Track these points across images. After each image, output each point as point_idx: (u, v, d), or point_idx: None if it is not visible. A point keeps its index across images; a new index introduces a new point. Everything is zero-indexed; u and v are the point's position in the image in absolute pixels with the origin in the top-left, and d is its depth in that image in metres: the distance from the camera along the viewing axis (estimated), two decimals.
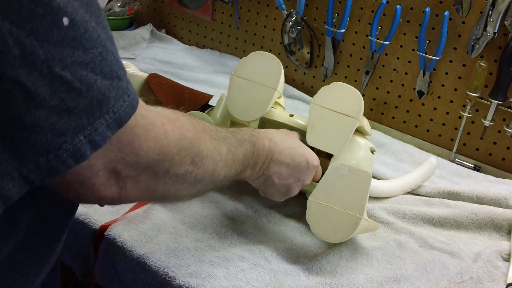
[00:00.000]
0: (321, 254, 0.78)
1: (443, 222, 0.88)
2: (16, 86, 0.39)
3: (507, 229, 0.86)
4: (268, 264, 0.75)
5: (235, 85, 0.88)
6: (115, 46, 0.46)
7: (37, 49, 0.39)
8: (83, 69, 0.41)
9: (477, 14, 1.06)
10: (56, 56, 0.40)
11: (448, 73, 1.14)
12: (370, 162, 0.87)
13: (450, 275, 0.76)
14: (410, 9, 1.15)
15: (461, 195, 0.94)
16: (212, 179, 0.58)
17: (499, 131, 1.11)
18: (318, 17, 1.30)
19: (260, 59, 0.88)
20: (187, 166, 0.52)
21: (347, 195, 0.76)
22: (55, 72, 0.40)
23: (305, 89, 1.38)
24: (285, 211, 0.88)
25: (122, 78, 0.45)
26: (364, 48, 1.25)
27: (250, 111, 0.87)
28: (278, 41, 1.40)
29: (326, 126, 0.83)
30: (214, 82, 1.37)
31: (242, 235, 0.81)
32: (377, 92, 1.26)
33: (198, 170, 0.54)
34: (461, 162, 1.14)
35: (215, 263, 0.73)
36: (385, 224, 0.87)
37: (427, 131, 1.21)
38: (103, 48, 0.43)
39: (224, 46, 1.53)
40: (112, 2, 1.58)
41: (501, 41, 1.05)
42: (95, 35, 0.42)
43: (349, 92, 0.84)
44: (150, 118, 0.48)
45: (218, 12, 1.50)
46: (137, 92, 0.96)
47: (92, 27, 0.42)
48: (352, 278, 0.74)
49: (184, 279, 0.70)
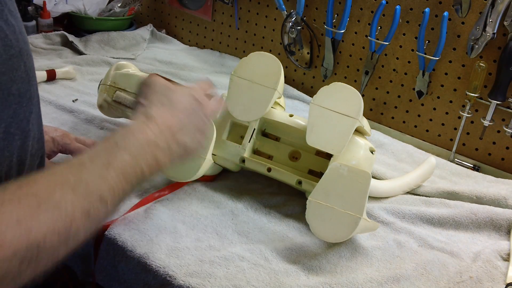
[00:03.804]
0: (321, 253, 0.78)
1: (443, 222, 0.88)
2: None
3: (507, 229, 0.87)
4: (268, 263, 0.75)
5: (235, 85, 0.88)
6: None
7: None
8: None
9: (477, 14, 1.06)
10: None
11: (447, 73, 1.14)
12: (370, 162, 0.87)
13: (450, 275, 0.76)
14: (409, 9, 1.15)
15: (460, 195, 0.94)
16: (69, 243, 0.48)
17: (499, 131, 1.11)
18: (318, 18, 1.30)
19: (260, 60, 0.89)
20: (15, 269, 0.43)
21: (346, 195, 0.76)
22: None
23: (305, 89, 1.38)
24: (285, 211, 0.88)
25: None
26: (363, 49, 1.25)
27: (250, 111, 0.87)
28: (278, 42, 1.40)
29: (326, 126, 0.83)
30: (214, 82, 1.36)
31: (242, 235, 0.81)
32: (376, 92, 1.26)
33: (37, 258, 0.45)
34: (461, 162, 1.14)
35: (215, 262, 0.74)
36: (385, 224, 0.88)
37: (427, 131, 1.21)
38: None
39: (224, 47, 1.53)
40: (113, 3, 1.58)
41: (501, 41, 1.05)
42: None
43: (349, 92, 0.84)
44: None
45: (218, 13, 1.51)
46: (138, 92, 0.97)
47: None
48: (352, 277, 0.74)
49: (184, 278, 0.70)
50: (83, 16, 1.52)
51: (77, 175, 0.50)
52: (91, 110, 1.12)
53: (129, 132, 0.58)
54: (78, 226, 0.48)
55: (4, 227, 0.43)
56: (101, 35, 1.50)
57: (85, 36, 1.50)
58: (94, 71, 1.35)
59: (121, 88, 0.98)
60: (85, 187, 0.50)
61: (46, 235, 0.45)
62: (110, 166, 0.53)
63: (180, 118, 0.64)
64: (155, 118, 0.62)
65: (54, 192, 0.47)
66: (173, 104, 0.65)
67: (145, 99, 0.66)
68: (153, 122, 0.61)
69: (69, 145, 0.87)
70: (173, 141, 0.62)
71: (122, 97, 0.97)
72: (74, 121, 1.08)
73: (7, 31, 0.51)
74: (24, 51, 0.54)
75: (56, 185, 0.48)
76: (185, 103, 0.67)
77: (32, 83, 0.57)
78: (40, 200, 0.46)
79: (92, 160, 0.53)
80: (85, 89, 1.25)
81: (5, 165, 0.53)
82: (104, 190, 0.51)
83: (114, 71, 1.00)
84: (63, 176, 0.50)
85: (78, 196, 0.49)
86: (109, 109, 0.99)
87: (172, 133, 0.62)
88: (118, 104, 0.98)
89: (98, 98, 1.00)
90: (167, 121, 0.62)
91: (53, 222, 0.46)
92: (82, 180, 0.50)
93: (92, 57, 1.41)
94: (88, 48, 1.47)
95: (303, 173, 0.89)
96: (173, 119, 0.63)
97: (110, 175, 0.53)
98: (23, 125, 0.55)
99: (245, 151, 0.89)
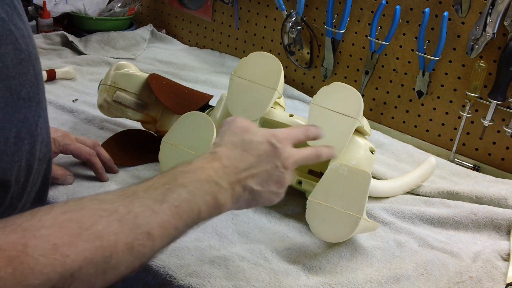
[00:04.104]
0: (321, 253, 0.78)
1: (443, 222, 0.88)
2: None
3: (507, 229, 0.87)
4: (268, 263, 0.75)
5: (235, 85, 0.88)
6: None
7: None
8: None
9: (477, 14, 1.06)
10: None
11: (447, 73, 1.14)
12: (370, 162, 0.87)
13: (450, 275, 0.76)
14: (409, 9, 1.15)
15: (460, 195, 0.94)
16: (107, 277, 0.46)
17: (498, 131, 1.11)
18: (318, 18, 1.30)
19: (260, 60, 0.89)
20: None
21: (346, 195, 0.76)
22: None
23: (305, 89, 1.38)
24: (285, 211, 0.88)
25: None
26: (363, 49, 1.25)
27: (250, 111, 0.87)
28: (278, 42, 1.40)
29: (326, 126, 0.83)
30: (214, 82, 1.37)
31: (242, 235, 0.81)
32: (376, 92, 1.26)
33: (70, 287, 0.43)
34: (461, 162, 1.14)
35: (215, 262, 0.74)
36: (385, 224, 0.88)
37: (427, 131, 1.21)
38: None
39: (224, 47, 1.53)
40: (113, 3, 1.58)
41: (501, 41, 1.05)
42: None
43: (349, 92, 0.84)
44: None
45: (218, 13, 1.51)
46: (137, 92, 0.97)
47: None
48: (352, 277, 0.74)
49: (185, 278, 0.70)
50: (83, 16, 1.52)
51: (127, 206, 0.48)
52: (91, 110, 1.12)
53: (191, 168, 0.56)
54: (119, 259, 0.46)
55: (39, 251, 0.41)
56: (101, 35, 1.51)
57: (85, 36, 1.51)
58: (94, 71, 1.36)
59: (121, 88, 0.98)
60: (133, 220, 0.47)
61: (82, 264, 0.43)
62: (164, 201, 0.50)
63: (250, 162, 0.59)
64: (221, 157, 0.58)
65: (99, 221, 0.45)
66: (246, 146, 0.60)
67: (218, 138, 0.62)
68: (218, 160, 0.58)
69: (70, 146, 0.87)
70: (238, 184, 0.58)
71: (122, 97, 0.97)
72: (74, 121, 1.08)
73: (17, 35, 0.50)
74: (33, 55, 0.54)
75: (103, 214, 0.46)
76: (259, 148, 0.61)
77: (41, 87, 0.56)
78: (82, 228, 0.44)
79: (146, 192, 0.50)
80: (85, 89, 1.25)
81: (15, 170, 0.52)
82: (154, 226, 0.48)
83: (114, 71, 1.00)
84: (112, 205, 0.47)
85: (123, 228, 0.46)
86: (109, 109, 0.99)
87: (237, 175, 0.58)
88: (118, 104, 0.98)
89: (98, 98, 1.00)
90: (234, 162, 0.58)
91: (91, 252, 0.44)
92: (132, 212, 0.48)
93: (92, 57, 1.41)
94: (88, 48, 1.47)
95: (303, 173, 0.89)
96: (241, 162, 0.59)
97: (163, 210, 0.49)
98: (32, 129, 0.54)
99: None
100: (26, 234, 0.42)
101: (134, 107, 0.98)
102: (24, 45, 0.51)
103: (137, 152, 0.98)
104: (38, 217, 0.44)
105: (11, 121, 0.50)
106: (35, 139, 0.55)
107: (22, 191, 0.56)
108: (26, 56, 0.52)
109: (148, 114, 0.99)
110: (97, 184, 0.88)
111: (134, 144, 1.00)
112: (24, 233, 0.42)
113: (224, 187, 0.56)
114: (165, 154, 0.86)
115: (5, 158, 0.50)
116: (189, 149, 0.85)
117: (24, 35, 0.52)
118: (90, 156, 0.88)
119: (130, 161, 0.96)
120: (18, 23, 0.51)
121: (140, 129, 1.04)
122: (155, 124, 0.99)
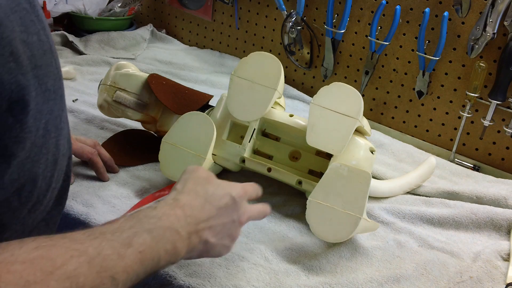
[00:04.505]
0: (321, 253, 0.78)
1: (443, 222, 0.88)
2: None
3: (507, 229, 0.87)
4: (268, 263, 0.75)
5: (235, 85, 0.88)
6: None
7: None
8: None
9: (477, 14, 1.06)
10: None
11: (447, 73, 1.14)
12: (370, 162, 0.87)
13: (450, 275, 0.76)
14: (409, 9, 1.15)
15: (460, 195, 0.94)
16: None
17: (499, 131, 1.11)
18: (318, 18, 1.30)
19: (260, 60, 0.89)
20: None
21: (346, 195, 0.76)
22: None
23: (305, 89, 1.38)
24: (285, 211, 0.88)
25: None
26: (363, 49, 1.25)
27: (250, 111, 0.87)
28: (278, 42, 1.40)
29: (326, 126, 0.83)
30: (214, 82, 1.37)
31: (242, 234, 0.81)
32: (376, 92, 1.26)
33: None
34: (461, 162, 1.14)
35: (215, 262, 0.74)
36: (385, 224, 0.88)
37: (427, 131, 1.21)
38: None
39: (224, 47, 1.53)
40: (113, 3, 1.58)
41: (501, 41, 1.05)
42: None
43: (349, 92, 0.84)
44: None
45: (218, 13, 1.51)
46: (138, 92, 0.97)
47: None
48: (352, 277, 0.74)
49: (185, 278, 0.70)
50: (83, 16, 1.52)
51: (96, 248, 0.47)
52: (91, 110, 1.12)
53: (156, 213, 0.56)
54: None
55: (12, 287, 0.41)
56: (101, 35, 1.51)
57: (85, 36, 1.51)
58: (94, 71, 1.36)
59: (121, 88, 0.98)
60: (101, 262, 0.47)
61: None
62: (130, 245, 0.50)
63: (211, 213, 0.60)
64: (184, 206, 0.58)
65: (70, 261, 0.45)
66: (209, 198, 0.61)
67: (180, 184, 0.63)
68: (181, 208, 0.58)
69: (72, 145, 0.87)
70: (196, 234, 0.58)
71: (122, 97, 0.97)
72: (74, 121, 1.08)
73: (39, 26, 0.51)
74: (53, 48, 0.54)
75: (73, 254, 0.46)
76: (220, 201, 0.62)
77: (62, 81, 0.57)
78: (54, 266, 0.44)
79: (113, 234, 0.50)
80: (85, 89, 1.25)
81: (42, 163, 0.52)
82: (119, 270, 0.48)
83: (114, 71, 1.00)
84: (82, 245, 0.47)
85: (91, 270, 0.46)
86: (109, 109, 0.99)
87: (196, 225, 0.58)
88: (118, 104, 0.98)
89: (98, 98, 1.00)
90: (196, 212, 0.59)
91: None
92: (100, 255, 0.47)
93: (92, 57, 1.41)
94: (88, 48, 1.47)
95: (303, 173, 0.89)
96: (203, 212, 0.60)
97: (128, 255, 0.49)
98: (57, 122, 0.55)
99: (245, 151, 0.89)
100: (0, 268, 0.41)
101: (134, 107, 0.98)
102: (45, 37, 0.52)
103: (137, 152, 0.98)
104: (10, 251, 0.43)
105: (41, 111, 0.50)
106: (59, 133, 0.55)
107: (48, 187, 0.56)
108: (48, 48, 0.52)
109: (148, 114, 0.99)
110: (97, 184, 0.88)
111: (134, 144, 1.00)
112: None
113: (183, 236, 0.56)
114: (165, 154, 0.86)
115: (34, 149, 0.50)
116: (189, 149, 0.85)
117: (45, 27, 0.52)
118: (92, 156, 0.88)
119: (130, 161, 0.96)
120: (40, 14, 0.52)
121: (140, 129, 1.04)
122: (155, 124, 0.99)
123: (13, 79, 0.45)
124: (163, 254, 0.53)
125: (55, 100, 0.53)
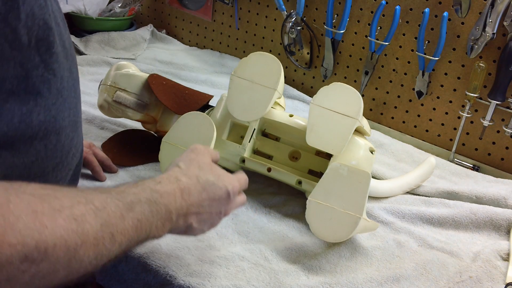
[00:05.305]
0: (321, 253, 0.78)
1: (442, 222, 0.89)
2: None
3: (506, 228, 0.87)
4: (268, 263, 0.75)
5: (235, 85, 0.89)
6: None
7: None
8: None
9: (476, 14, 1.06)
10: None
11: (447, 73, 1.14)
12: (370, 162, 0.87)
13: (449, 275, 0.76)
14: (409, 9, 1.16)
15: (460, 195, 0.94)
16: (71, 268, 0.44)
17: (498, 131, 1.11)
18: (318, 18, 1.31)
19: (260, 60, 0.89)
20: (14, 265, 0.39)
21: (346, 195, 0.76)
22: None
23: (305, 90, 1.38)
24: (285, 211, 0.88)
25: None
26: (363, 49, 1.25)
27: (250, 111, 0.87)
28: (278, 42, 1.40)
29: (326, 126, 0.83)
30: (214, 82, 1.38)
31: (242, 235, 0.81)
32: (376, 92, 1.26)
33: (38, 265, 0.40)
34: (460, 162, 1.14)
35: (215, 262, 0.74)
36: (385, 223, 0.88)
37: (426, 131, 1.21)
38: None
39: (224, 47, 1.54)
40: (113, 3, 1.58)
41: (500, 41, 1.05)
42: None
43: (349, 92, 0.84)
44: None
45: (218, 13, 1.51)
46: (138, 92, 0.97)
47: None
48: (351, 277, 0.74)
49: (185, 278, 0.70)
50: (83, 16, 1.52)
51: (102, 202, 0.47)
52: (91, 110, 1.12)
53: (159, 188, 0.56)
54: (85, 252, 0.44)
55: (20, 211, 0.39)
56: (101, 35, 1.51)
57: (85, 36, 1.51)
58: (94, 71, 1.36)
59: (121, 88, 0.98)
60: (105, 217, 0.46)
61: (56, 242, 0.41)
62: (131, 210, 0.50)
63: (203, 201, 0.62)
64: (183, 189, 0.59)
65: (78, 206, 0.44)
66: (207, 187, 0.62)
67: (185, 164, 0.63)
68: (180, 191, 0.59)
69: None
70: (183, 217, 0.59)
71: (122, 97, 0.97)
72: None
73: (59, 18, 0.55)
74: (72, 48, 0.58)
75: (81, 200, 0.45)
76: (216, 192, 0.63)
77: (78, 80, 0.60)
78: (62, 206, 0.43)
79: (119, 194, 0.50)
80: (85, 89, 1.25)
81: (65, 117, 0.54)
82: (119, 230, 0.48)
83: (115, 71, 1.00)
84: (89, 196, 0.47)
85: (97, 221, 0.45)
86: (110, 109, 0.99)
87: (187, 209, 0.59)
88: (119, 104, 0.98)
89: (99, 98, 1.00)
90: (192, 198, 0.60)
91: (67, 233, 0.42)
92: (106, 209, 0.47)
93: (93, 57, 1.41)
94: (88, 48, 1.47)
95: (303, 173, 0.89)
96: (198, 199, 0.61)
97: (127, 219, 0.49)
98: (75, 87, 0.57)
99: (245, 151, 0.89)
100: (9, 192, 0.40)
101: (135, 107, 0.98)
102: (64, 28, 0.55)
103: (137, 152, 0.98)
104: (18, 183, 0.42)
105: (62, 63, 0.53)
106: (78, 126, 0.57)
107: (68, 152, 0.57)
108: (62, 18, 0.55)
109: (148, 114, 0.99)
110: (95, 184, 0.88)
111: (134, 144, 1.00)
112: (7, 192, 0.40)
113: (173, 218, 0.57)
114: (165, 154, 0.87)
115: (59, 98, 0.53)
116: None
117: (64, 21, 0.56)
118: (87, 154, 0.89)
119: (130, 161, 0.96)
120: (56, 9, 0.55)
121: (140, 129, 1.04)
122: (155, 124, 1.00)
123: (42, 15, 0.49)
124: (153, 229, 0.54)
125: (75, 92, 0.55)
